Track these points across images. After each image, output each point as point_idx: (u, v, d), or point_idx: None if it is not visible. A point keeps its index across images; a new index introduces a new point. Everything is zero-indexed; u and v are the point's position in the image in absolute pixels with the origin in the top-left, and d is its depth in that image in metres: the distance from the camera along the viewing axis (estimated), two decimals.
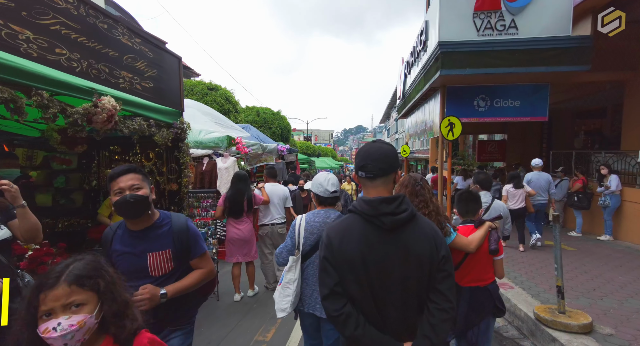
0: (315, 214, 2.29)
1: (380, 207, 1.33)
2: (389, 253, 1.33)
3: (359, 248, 1.33)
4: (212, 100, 14.69)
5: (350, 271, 1.34)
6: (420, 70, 9.84)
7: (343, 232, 1.38)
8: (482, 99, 8.68)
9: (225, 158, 6.10)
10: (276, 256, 2.38)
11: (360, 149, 1.48)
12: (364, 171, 1.39)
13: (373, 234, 1.34)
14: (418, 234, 1.36)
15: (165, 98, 4.01)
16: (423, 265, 1.34)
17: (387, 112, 51.60)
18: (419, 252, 1.34)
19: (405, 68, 13.56)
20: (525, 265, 5.42)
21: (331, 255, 1.36)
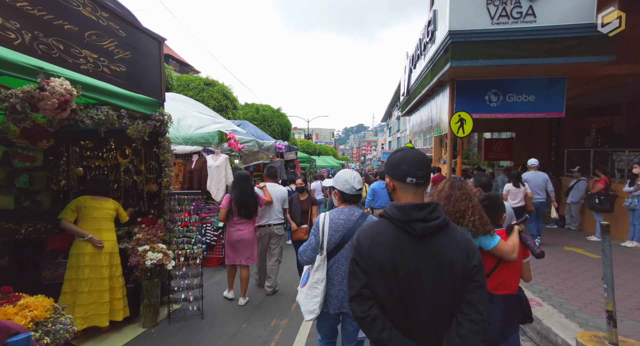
0: (339, 211, 2.23)
1: (412, 213, 1.31)
2: (420, 261, 1.31)
3: (389, 253, 1.32)
4: (208, 96, 14.14)
5: (379, 276, 1.33)
6: (428, 63, 9.29)
7: (373, 236, 1.37)
8: (494, 94, 8.13)
9: (216, 156, 5.56)
10: (300, 254, 2.31)
11: (403, 155, 1.43)
12: (416, 177, 1.37)
13: (404, 240, 1.33)
14: (450, 242, 1.33)
15: (142, 86, 3.48)
16: (455, 274, 1.31)
17: (389, 111, 51.05)
18: (451, 261, 1.31)
19: (410, 62, 13.01)
20: (548, 275, 4.88)
21: (360, 258, 1.36)
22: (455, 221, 2.11)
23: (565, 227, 8.43)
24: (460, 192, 2.20)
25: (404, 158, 1.42)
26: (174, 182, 5.87)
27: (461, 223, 2.10)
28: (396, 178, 1.41)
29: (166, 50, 28.89)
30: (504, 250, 2.09)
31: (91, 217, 3.33)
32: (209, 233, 5.54)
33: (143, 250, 3.34)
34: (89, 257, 3.22)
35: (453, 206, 2.17)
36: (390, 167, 1.45)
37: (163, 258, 3.38)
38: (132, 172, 3.88)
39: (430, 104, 11.18)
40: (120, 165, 3.88)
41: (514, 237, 2.18)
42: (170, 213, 3.78)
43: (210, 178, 5.50)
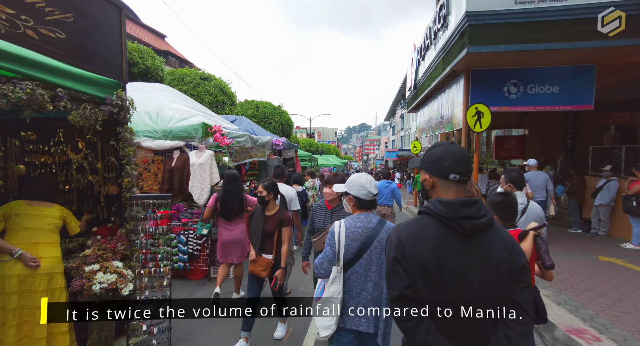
0: (356, 219, 2.10)
1: (462, 209, 1.26)
2: (467, 260, 1.26)
3: (434, 252, 1.26)
4: (204, 91, 13.44)
5: (422, 276, 1.27)
6: (439, 52, 8.51)
7: (415, 233, 1.30)
8: (514, 84, 7.35)
9: (200, 152, 4.82)
10: (316, 267, 2.17)
11: (445, 150, 1.35)
12: (459, 173, 1.32)
13: (450, 238, 1.27)
14: (496, 241, 1.28)
15: (90, 61, 2.73)
16: (502, 274, 1.27)
17: (392, 109, 50.22)
18: (498, 261, 1.26)
19: (417, 54, 12.22)
20: (593, 294, 4.09)
21: (402, 257, 1.29)
22: None
23: (592, 231, 7.63)
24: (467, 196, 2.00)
25: (446, 153, 1.34)
26: (153, 182, 5.13)
27: None
28: (437, 175, 1.34)
29: (166, 47, 28.31)
30: None
31: (24, 228, 2.59)
32: (191, 241, 4.80)
33: (90, 271, 2.60)
34: (17, 281, 2.48)
35: None
36: (431, 163, 1.36)
37: (117, 281, 2.64)
38: (86, 170, 3.14)
39: (440, 98, 10.40)
40: (71, 161, 3.14)
41: (526, 243, 2.17)
42: (133, 221, 3.04)
43: (193, 177, 4.75)
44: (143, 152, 5.13)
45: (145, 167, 5.10)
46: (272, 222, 3.27)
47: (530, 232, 2.20)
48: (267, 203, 3.30)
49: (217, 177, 4.81)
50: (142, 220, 3.03)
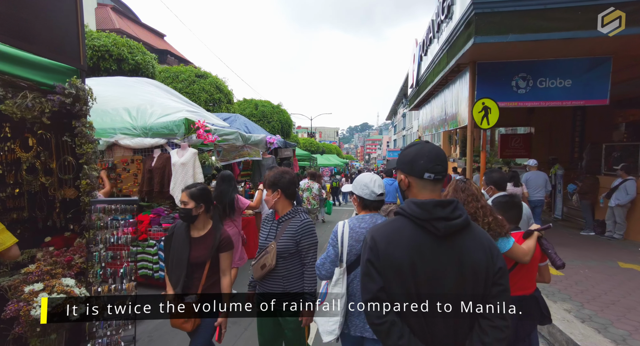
0: (360, 219, 2.06)
1: (435, 210, 1.23)
2: (442, 262, 1.22)
3: (408, 254, 1.23)
4: (200, 88, 13.04)
5: (396, 278, 1.24)
6: (443, 45, 8.07)
7: (390, 235, 1.27)
8: (523, 78, 6.90)
9: (182, 150, 4.40)
10: (317, 268, 2.10)
11: (419, 150, 1.33)
12: (434, 173, 1.29)
13: (424, 240, 1.24)
14: (473, 243, 1.25)
15: (35, 41, 2.30)
16: (478, 277, 1.23)
17: (394, 108, 49.77)
18: (474, 263, 1.22)
19: (420, 49, 11.79)
20: (621, 309, 3.61)
21: (376, 259, 1.26)
22: None
23: (606, 234, 7.17)
24: (464, 194, 2.12)
25: (420, 152, 1.32)
26: (132, 183, 4.71)
27: None
28: (412, 175, 1.32)
29: (165, 46, 28.01)
30: (517, 253, 2.07)
31: None
32: None
33: (30, 292, 2.17)
34: None
35: None
36: (405, 163, 1.34)
37: (65, 303, 2.21)
38: (39, 171, 2.71)
39: (444, 94, 9.95)
40: (21, 161, 2.72)
41: (530, 241, 2.15)
42: (93, 230, 2.61)
43: (174, 178, 4.33)
44: (122, 151, 4.72)
45: (124, 167, 4.68)
46: (202, 247, 2.30)
47: (535, 232, 2.17)
48: (195, 219, 2.30)
49: (200, 178, 4.38)
50: (103, 228, 2.60)
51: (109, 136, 4.48)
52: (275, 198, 2.30)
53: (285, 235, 2.24)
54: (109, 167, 4.67)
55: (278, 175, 2.32)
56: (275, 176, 2.32)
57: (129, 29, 23.72)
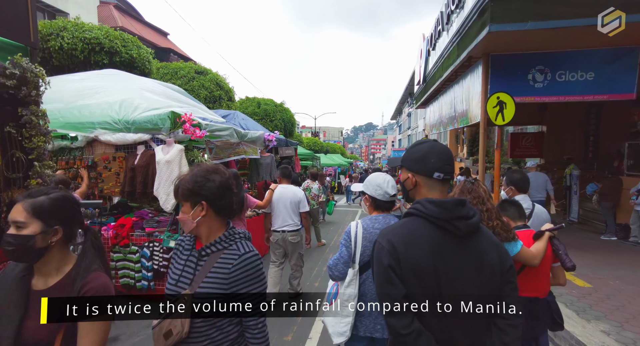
0: (374, 220, 2.02)
1: (456, 209, 1.20)
2: (463, 263, 1.20)
3: (429, 256, 1.18)
4: (199, 85, 12.66)
5: (418, 282, 1.18)
6: (453, 37, 7.60)
7: (407, 237, 1.21)
8: (540, 71, 6.41)
9: (168, 147, 3.98)
10: (330, 269, 2.07)
11: (431, 148, 1.29)
12: (444, 172, 1.27)
13: (444, 241, 1.20)
14: (486, 242, 1.24)
15: None
16: (493, 276, 1.22)
17: (399, 108, 49.25)
18: (491, 262, 1.22)
19: (427, 44, 11.30)
20: None
21: (397, 264, 1.18)
22: None
23: (631, 239, 6.66)
24: (470, 196, 2.03)
25: (431, 151, 1.28)
26: (114, 183, 4.30)
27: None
28: (421, 174, 1.28)
29: (168, 45, 27.81)
30: (526, 256, 2.03)
31: None
32: (157, 255, 3.95)
33: None
34: None
35: None
36: (415, 160, 1.30)
37: None
38: None
39: (453, 90, 9.47)
40: None
41: (539, 244, 2.09)
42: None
43: (159, 177, 3.91)
44: (103, 148, 4.31)
45: (105, 165, 4.27)
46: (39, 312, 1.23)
47: (546, 232, 2.13)
48: (39, 257, 1.25)
49: None
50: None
51: (88, 131, 4.07)
52: (196, 217, 1.36)
53: (210, 279, 1.34)
54: (89, 165, 4.26)
55: (200, 178, 1.38)
56: (196, 180, 1.37)
57: (132, 27, 23.50)
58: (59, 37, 7.32)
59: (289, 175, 4.46)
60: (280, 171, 4.53)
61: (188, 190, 1.37)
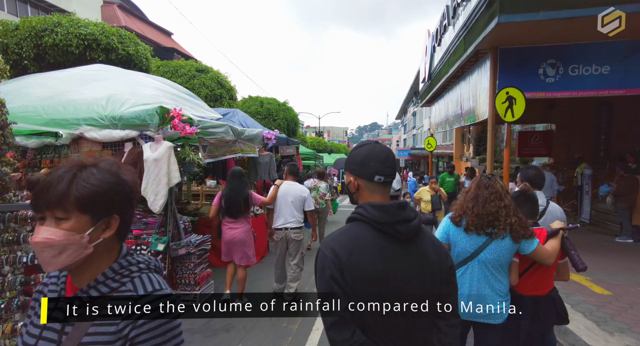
0: None
1: (398, 213, 1.19)
2: (407, 267, 1.19)
3: (374, 262, 1.16)
4: (200, 83, 12.47)
5: (363, 289, 1.14)
6: (459, 31, 7.32)
7: (351, 243, 1.17)
8: (552, 65, 6.12)
9: (156, 144, 3.75)
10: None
11: (370, 150, 1.27)
12: (384, 175, 1.23)
13: (387, 245, 1.18)
14: (427, 243, 1.24)
15: None
16: (435, 277, 1.22)
17: (404, 107, 48.88)
18: (431, 264, 1.22)
19: (432, 40, 11.02)
20: None
21: (340, 274, 1.13)
22: (488, 224, 1.96)
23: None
24: (487, 192, 2.00)
25: (371, 154, 1.26)
26: None
27: (496, 227, 1.95)
28: (362, 177, 1.25)
29: (172, 44, 27.79)
30: (542, 254, 1.99)
31: None
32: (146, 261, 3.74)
33: None
34: None
35: (482, 207, 1.98)
36: (355, 164, 1.27)
37: None
38: None
39: (459, 87, 9.17)
40: None
41: (554, 242, 2.06)
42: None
43: (146, 177, 3.67)
44: (89, 145, 4.08)
45: None
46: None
47: (561, 231, 2.11)
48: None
49: (176, 177, 3.72)
50: (14, 243, 1.94)
51: (72, 127, 3.84)
52: (95, 239, 0.90)
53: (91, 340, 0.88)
54: None
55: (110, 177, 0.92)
56: (104, 180, 0.90)
57: (136, 27, 23.48)
58: (53, 33, 7.12)
59: (296, 172, 4.45)
60: (287, 167, 4.54)
61: (93, 194, 0.87)
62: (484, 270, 1.97)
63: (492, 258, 1.95)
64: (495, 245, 1.95)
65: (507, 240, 1.94)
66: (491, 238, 1.95)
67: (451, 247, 2.07)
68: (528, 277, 2.09)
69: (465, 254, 2.00)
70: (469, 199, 2.05)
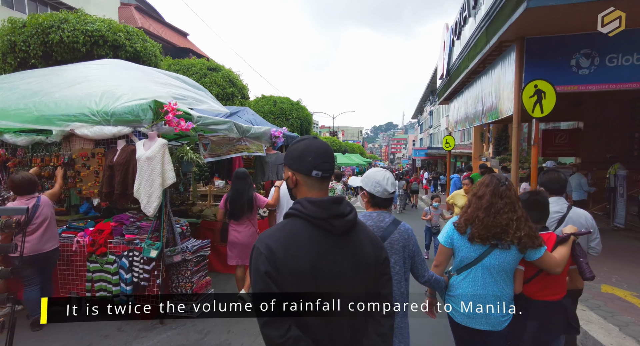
0: (367, 217, 1.97)
1: (333, 208, 1.20)
2: (340, 261, 1.21)
3: (309, 258, 1.16)
4: (211, 82, 12.31)
5: (299, 285, 1.16)
6: (481, 21, 6.82)
7: (286, 240, 1.18)
8: (586, 55, 5.58)
9: (150, 141, 3.45)
10: None
11: (308, 145, 1.27)
12: (322, 170, 1.25)
13: (323, 240, 1.19)
14: (362, 236, 1.27)
15: None
16: (370, 270, 1.26)
17: (420, 106, 47.99)
18: (366, 257, 1.25)
19: (451, 34, 10.49)
20: None
21: (274, 270, 1.14)
22: (495, 236, 1.89)
23: None
24: (503, 202, 1.91)
25: (308, 149, 1.27)
26: (94, 183, 3.81)
27: (503, 239, 1.88)
28: (300, 172, 1.26)
29: (187, 45, 28.02)
30: (549, 263, 1.93)
31: None
32: (136, 266, 3.43)
33: None
34: None
35: (494, 218, 1.89)
36: (293, 158, 1.28)
37: None
38: None
39: (480, 82, 8.65)
40: None
41: (563, 249, 1.99)
42: None
43: (139, 177, 3.38)
44: (81, 143, 3.84)
45: (83, 162, 3.78)
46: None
47: (572, 237, 2.04)
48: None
49: (171, 176, 3.41)
50: None
51: (62, 124, 3.59)
52: None
53: None
54: (65, 162, 3.78)
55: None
56: None
57: (152, 28, 23.71)
58: (60, 30, 6.99)
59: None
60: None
61: None
62: (487, 275, 1.93)
63: (497, 264, 1.91)
64: (500, 252, 1.91)
65: (513, 249, 1.90)
66: (496, 247, 1.92)
67: (455, 251, 2.03)
68: (538, 281, 2.03)
69: (470, 259, 1.96)
70: (481, 208, 1.95)
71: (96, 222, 3.86)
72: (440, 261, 2.09)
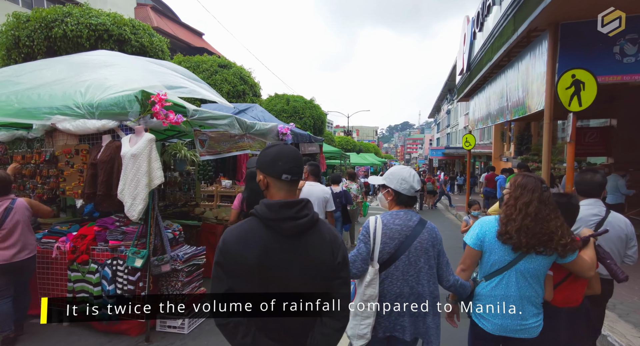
0: (394, 215, 1.93)
1: (281, 211, 1.27)
2: (287, 260, 1.27)
3: (257, 254, 1.25)
4: (222, 79, 12.02)
5: (245, 278, 1.26)
6: (508, 9, 6.25)
7: (241, 236, 1.29)
8: (632, 42, 4.99)
9: (137, 137, 3.07)
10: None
11: (279, 151, 1.37)
12: (291, 174, 1.33)
13: (272, 239, 1.27)
14: (318, 240, 1.32)
15: None
16: (321, 272, 1.31)
17: (437, 105, 46.96)
18: (317, 259, 1.30)
19: (472, 26, 9.88)
20: None
21: (224, 260, 1.27)
22: (539, 244, 1.78)
23: None
24: (548, 209, 1.81)
25: (279, 154, 1.35)
26: (77, 182, 3.47)
27: (548, 246, 1.78)
28: (271, 175, 1.34)
29: (202, 44, 28.07)
30: (581, 266, 1.85)
31: None
32: (120, 277, 3.06)
33: None
34: None
35: (541, 226, 1.78)
36: (265, 163, 1.36)
37: None
38: None
39: (504, 76, 8.04)
40: None
41: (590, 251, 1.93)
42: None
43: (124, 176, 3.01)
44: (65, 139, 3.50)
45: (67, 160, 3.45)
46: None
47: (591, 238, 1.96)
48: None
49: (159, 176, 3.03)
50: None
51: (43, 117, 3.26)
52: None
53: None
54: (47, 160, 3.45)
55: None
56: None
57: (167, 28, 23.79)
58: (63, 23, 6.77)
59: (317, 173, 4.38)
60: (309, 168, 4.36)
61: None
62: (521, 280, 1.83)
63: (532, 268, 1.81)
64: (536, 255, 1.81)
65: (554, 254, 1.82)
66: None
67: (484, 255, 1.90)
68: (563, 289, 1.97)
69: (503, 263, 1.84)
70: (529, 213, 1.79)
71: (81, 225, 3.51)
72: (468, 265, 1.95)
